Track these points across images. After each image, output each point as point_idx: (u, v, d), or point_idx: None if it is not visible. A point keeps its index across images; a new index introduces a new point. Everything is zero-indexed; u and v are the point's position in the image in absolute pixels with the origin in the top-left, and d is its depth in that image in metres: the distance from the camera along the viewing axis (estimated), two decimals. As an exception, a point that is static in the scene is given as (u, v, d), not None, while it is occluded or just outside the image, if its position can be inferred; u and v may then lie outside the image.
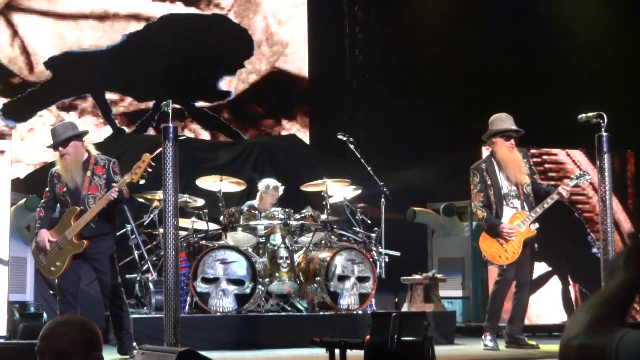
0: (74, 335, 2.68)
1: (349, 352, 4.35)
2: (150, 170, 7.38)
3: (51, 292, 8.91)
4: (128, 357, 6.84)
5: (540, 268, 9.30)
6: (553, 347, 7.59)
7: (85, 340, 2.71)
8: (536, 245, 8.09)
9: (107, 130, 12.36)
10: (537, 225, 7.67)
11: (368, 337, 4.03)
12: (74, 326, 2.71)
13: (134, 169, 7.12)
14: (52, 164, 7.43)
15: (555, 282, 9.54)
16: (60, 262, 6.98)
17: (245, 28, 13.01)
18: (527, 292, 7.85)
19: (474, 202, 7.83)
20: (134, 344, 6.91)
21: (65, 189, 7.08)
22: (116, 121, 12.40)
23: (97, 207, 6.94)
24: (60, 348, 2.65)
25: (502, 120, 7.82)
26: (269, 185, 9.36)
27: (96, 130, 12.22)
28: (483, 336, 7.70)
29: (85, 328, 2.73)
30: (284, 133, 12.96)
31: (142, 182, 7.23)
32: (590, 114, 7.21)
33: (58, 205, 7.28)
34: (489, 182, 7.72)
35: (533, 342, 7.66)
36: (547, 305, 9.44)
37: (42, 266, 7.13)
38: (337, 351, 4.33)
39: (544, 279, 9.47)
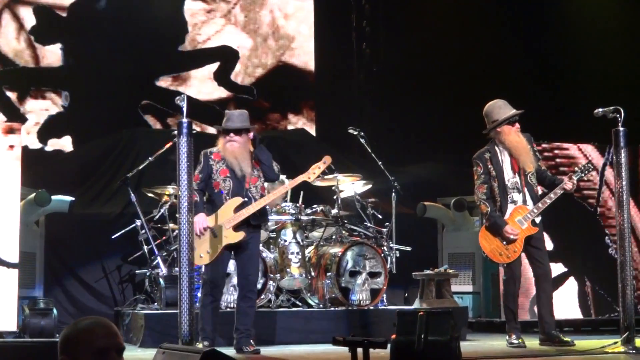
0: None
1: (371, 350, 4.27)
2: (328, 172, 7.72)
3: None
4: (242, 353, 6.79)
5: (556, 269, 9.18)
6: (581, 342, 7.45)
7: None
8: (544, 233, 7.72)
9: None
10: (539, 218, 7.42)
11: (393, 336, 3.97)
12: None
13: (313, 168, 7.13)
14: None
15: (571, 283, 9.42)
16: (211, 250, 6.85)
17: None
18: (548, 283, 7.51)
19: (477, 194, 7.54)
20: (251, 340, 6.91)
21: (229, 173, 6.97)
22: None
23: (266, 199, 6.88)
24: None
25: (502, 107, 7.52)
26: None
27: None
28: (507, 337, 7.50)
29: None
30: (290, 127, 12.87)
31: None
32: (607, 109, 7.11)
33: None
34: (493, 173, 7.45)
35: (568, 339, 7.38)
36: (563, 303, 9.30)
37: None
38: (359, 350, 4.26)
39: (560, 279, 9.33)
